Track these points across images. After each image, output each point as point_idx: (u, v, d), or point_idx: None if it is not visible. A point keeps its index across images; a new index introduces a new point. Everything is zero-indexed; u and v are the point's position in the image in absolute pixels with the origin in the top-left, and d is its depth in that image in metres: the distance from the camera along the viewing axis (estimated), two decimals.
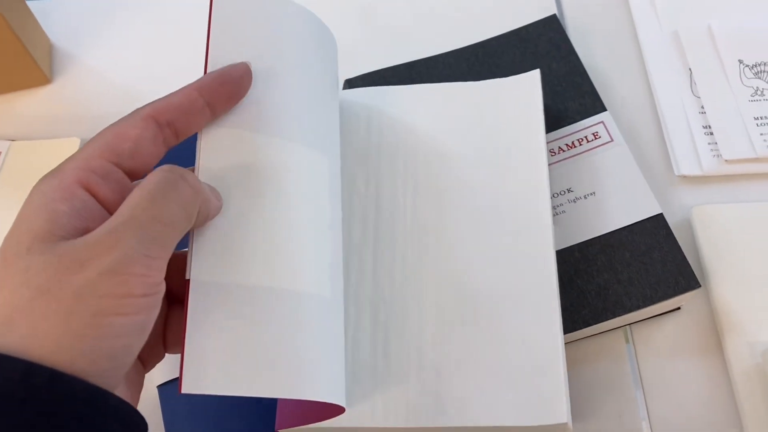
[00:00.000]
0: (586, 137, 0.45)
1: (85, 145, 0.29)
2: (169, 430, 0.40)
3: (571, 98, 0.47)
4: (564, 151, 0.45)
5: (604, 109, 0.46)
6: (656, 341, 0.42)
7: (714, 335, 0.42)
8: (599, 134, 0.45)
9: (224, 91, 0.33)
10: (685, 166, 0.47)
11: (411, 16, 0.58)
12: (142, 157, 0.30)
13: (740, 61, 0.51)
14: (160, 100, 0.31)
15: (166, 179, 0.28)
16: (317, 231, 0.34)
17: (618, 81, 0.52)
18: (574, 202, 0.43)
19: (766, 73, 0.50)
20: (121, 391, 0.28)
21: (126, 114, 0.31)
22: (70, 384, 0.24)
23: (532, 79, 0.44)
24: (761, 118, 0.48)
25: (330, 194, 0.36)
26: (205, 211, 0.30)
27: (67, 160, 0.29)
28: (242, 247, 0.31)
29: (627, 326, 0.42)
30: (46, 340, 0.24)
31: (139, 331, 0.26)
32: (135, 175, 0.30)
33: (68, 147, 0.48)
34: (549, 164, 0.44)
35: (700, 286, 0.39)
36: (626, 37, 0.55)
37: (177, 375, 0.40)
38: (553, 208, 0.43)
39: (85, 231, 0.26)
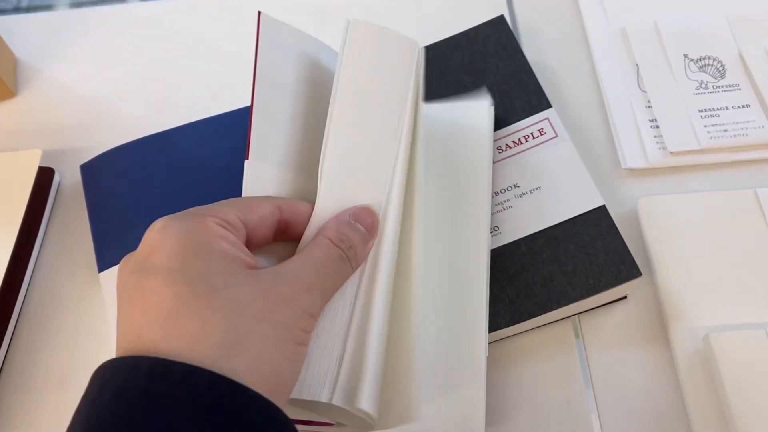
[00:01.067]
0: (531, 134, 0.46)
1: (219, 203, 0.33)
2: None
3: (517, 96, 0.48)
4: (510, 148, 0.46)
5: (549, 106, 0.47)
6: (604, 330, 0.43)
7: (660, 323, 0.43)
8: (544, 130, 0.46)
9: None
10: (632, 159, 0.49)
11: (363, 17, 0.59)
12: (258, 233, 0.34)
13: (685, 56, 0.52)
14: (291, 200, 0.36)
15: (340, 258, 0.33)
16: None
17: (567, 77, 0.53)
18: (521, 197, 0.44)
19: (710, 67, 0.52)
20: None
21: (87, 124, 0.35)
22: (251, 397, 0.27)
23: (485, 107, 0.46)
24: (705, 110, 0.50)
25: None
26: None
27: (199, 209, 0.32)
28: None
29: (575, 316, 0.44)
30: (268, 363, 0.28)
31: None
32: (248, 242, 0.33)
33: (30, 159, 0.49)
34: (496, 161, 0.46)
35: (641, 274, 0.41)
36: (575, 35, 0.56)
37: None
38: (500, 203, 0.44)
39: (249, 264, 0.31)
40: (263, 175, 0.37)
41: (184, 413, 0.25)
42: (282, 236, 0.35)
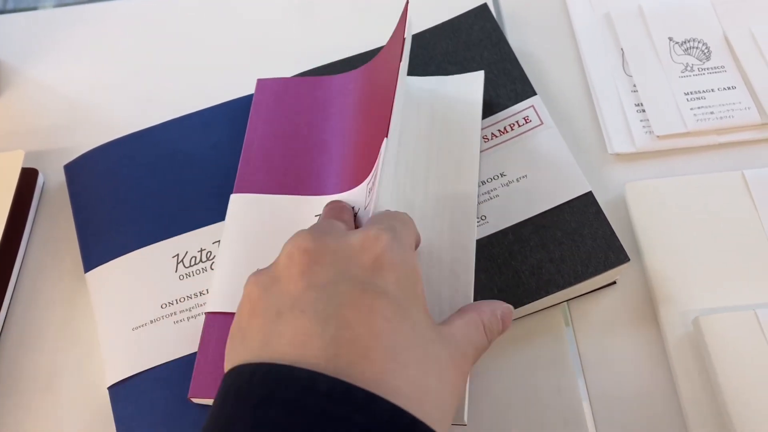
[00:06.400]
0: (517, 122, 0.46)
1: (401, 222, 0.34)
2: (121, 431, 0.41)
3: (502, 85, 0.48)
4: (496, 136, 0.46)
5: (534, 94, 0.47)
6: (594, 316, 0.43)
7: (649, 307, 0.43)
8: (530, 118, 0.46)
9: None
10: (619, 144, 0.48)
11: (349, 10, 0.59)
12: None
13: (670, 39, 0.52)
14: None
15: (483, 348, 0.34)
16: None
17: (552, 64, 0.53)
18: (507, 185, 0.44)
19: (695, 49, 0.51)
20: None
21: (70, 124, 0.46)
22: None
23: (476, 79, 0.47)
24: (691, 93, 0.50)
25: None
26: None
27: (401, 229, 0.33)
28: None
29: (565, 303, 0.44)
30: (444, 415, 0.28)
31: None
32: None
33: (13, 160, 0.49)
34: (482, 150, 0.46)
35: (629, 260, 0.40)
36: (560, 21, 0.56)
37: (127, 375, 0.41)
38: (487, 192, 0.44)
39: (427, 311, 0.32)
40: (391, 155, 0.39)
41: None
42: None
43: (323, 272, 0.30)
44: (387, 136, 0.37)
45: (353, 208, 0.40)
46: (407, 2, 0.41)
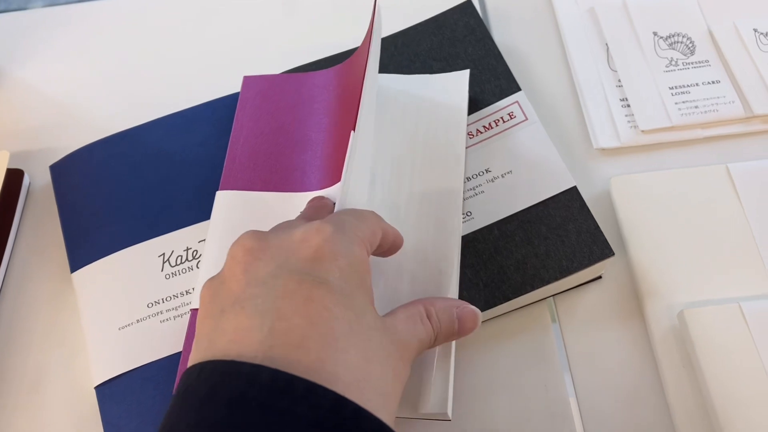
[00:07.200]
0: (502, 118, 0.46)
1: (356, 218, 0.33)
2: (109, 431, 0.41)
3: (486, 81, 0.48)
4: (481, 132, 0.46)
5: (519, 89, 0.47)
6: (580, 311, 0.43)
7: (635, 301, 0.43)
8: (514, 114, 0.46)
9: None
10: (604, 139, 0.49)
11: (332, 7, 0.59)
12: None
13: (655, 33, 0.52)
14: (388, 225, 0.36)
15: (429, 340, 0.33)
16: None
17: (537, 60, 0.53)
18: (492, 181, 0.44)
19: (680, 44, 0.52)
20: None
21: (56, 124, 0.47)
22: (373, 422, 0.26)
23: (461, 78, 0.47)
24: (676, 87, 0.50)
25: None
26: None
27: (349, 224, 0.32)
28: None
29: (551, 298, 0.44)
30: (387, 402, 0.28)
31: None
32: None
33: None
34: (467, 147, 0.46)
35: (613, 254, 0.41)
36: (545, 17, 0.56)
37: (114, 375, 0.41)
38: (472, 188, 0.44)
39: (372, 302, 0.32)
40: (361, 149, 0.39)
41: None
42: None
43: (264, 267, 0.30)
44: (354, 130, 0.37)
45: (335, 204, 0.40)
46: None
